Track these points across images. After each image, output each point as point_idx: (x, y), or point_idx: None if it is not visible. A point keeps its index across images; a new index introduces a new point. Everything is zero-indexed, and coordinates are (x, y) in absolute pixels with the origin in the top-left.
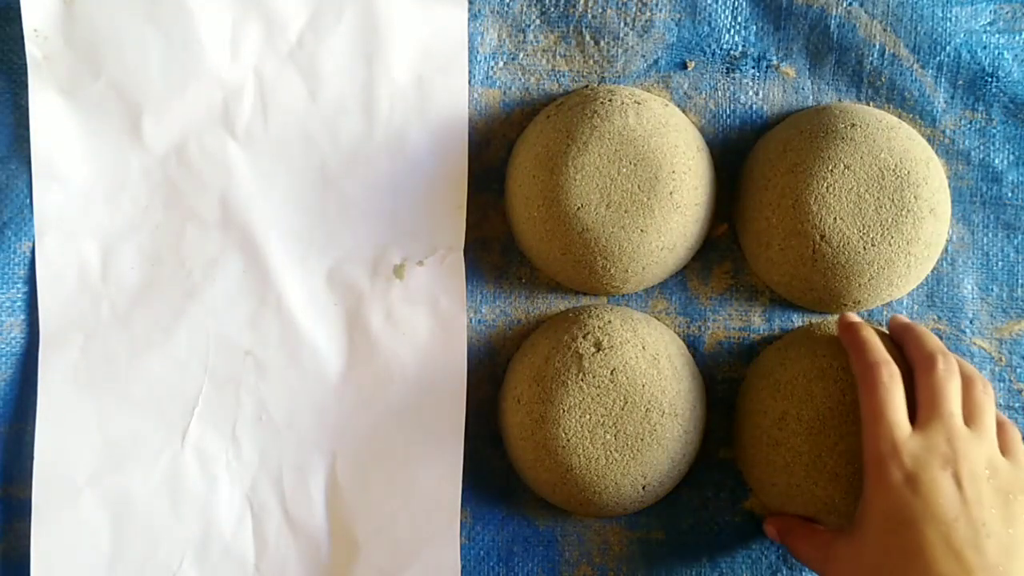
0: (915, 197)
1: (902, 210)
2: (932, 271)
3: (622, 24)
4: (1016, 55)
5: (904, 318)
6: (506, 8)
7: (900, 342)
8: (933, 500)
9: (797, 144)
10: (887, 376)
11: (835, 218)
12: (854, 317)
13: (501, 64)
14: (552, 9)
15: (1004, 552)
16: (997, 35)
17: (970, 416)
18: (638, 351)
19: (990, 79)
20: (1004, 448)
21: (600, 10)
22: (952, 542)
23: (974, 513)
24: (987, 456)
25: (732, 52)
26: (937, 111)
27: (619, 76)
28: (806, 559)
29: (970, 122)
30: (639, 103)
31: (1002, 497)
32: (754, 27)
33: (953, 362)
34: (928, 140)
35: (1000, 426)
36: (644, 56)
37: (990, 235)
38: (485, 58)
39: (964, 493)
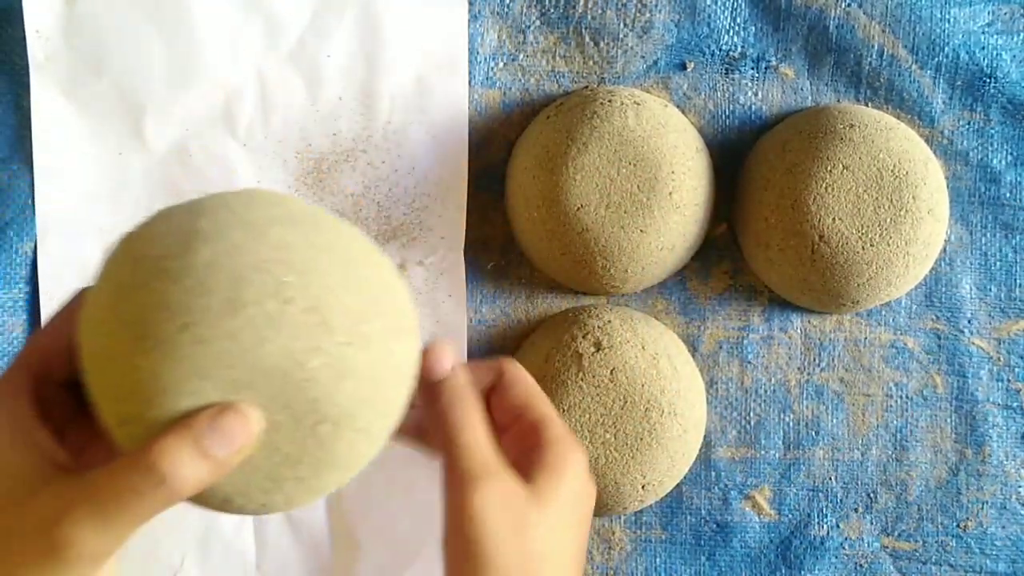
0: (913, 197)
1: (900, 210)
2: (930, 271)
3: (622, 25)
4: (1014, 56)
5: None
6: (506, 9)
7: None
8: None
9: (796, 145)
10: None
11: (834, 218)
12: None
13: (501, 65)
14: (552, 10)
15: None
16: (995, 36)
17: None
18: (638, 351)
19: (988, 80)
20: None
21: (600, 11)
22: None
23: None
24: None
25: (731, 53)
26: (935, 112)
27: (619, 77)
28: None
29: (968, 123)
30: (639, 104)
31: None
32: (753, 28)
33: None
34: (926, 140)
35: None
36: (644, 57)
37: (988, 235)
38: (485, 59)
39: None
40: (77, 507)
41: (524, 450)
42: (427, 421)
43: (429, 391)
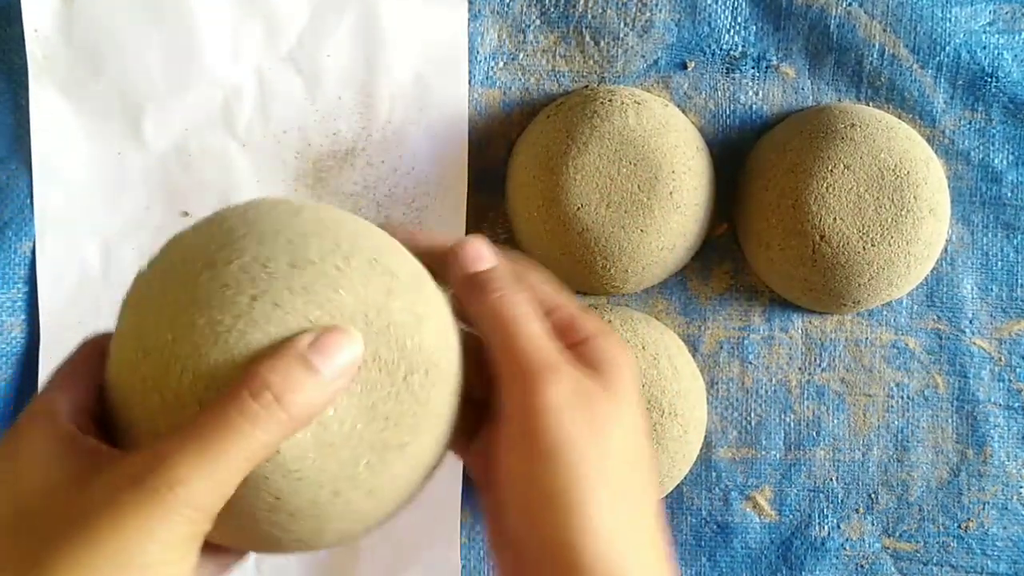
0: (915, 197)
1: (902, 210)
2: (932, 271)
3: (622, 24)
4: (1015, 55)
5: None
6: (506, 8)
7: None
8: None
9: (797, 144)
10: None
11: (835, 218)
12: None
13: (501, 64)
14: (552, 9)
15: None
16: (996, 35)
17: None
18: (638, 351)
19: (989, 79)
20: None
21: (600, 10)
22: None
23: None
24: None
25: (732, 52)
26: (937, 111)
27: (619, 76)
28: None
29: (969, 122)
30: (639, 103)
31: None
32: (754, 27)
33: None
34: (928, 140)
35: None
36: (644, 56)
37: (990, 235)
38: (485, 58)
39: None
40: (175, 451)
41: (568, 345)
42: (474, 321)
43: (470, 287)
